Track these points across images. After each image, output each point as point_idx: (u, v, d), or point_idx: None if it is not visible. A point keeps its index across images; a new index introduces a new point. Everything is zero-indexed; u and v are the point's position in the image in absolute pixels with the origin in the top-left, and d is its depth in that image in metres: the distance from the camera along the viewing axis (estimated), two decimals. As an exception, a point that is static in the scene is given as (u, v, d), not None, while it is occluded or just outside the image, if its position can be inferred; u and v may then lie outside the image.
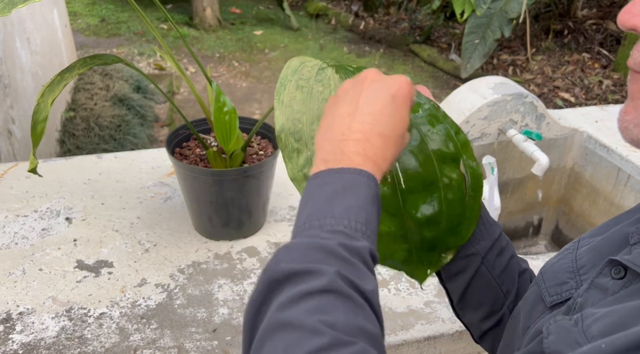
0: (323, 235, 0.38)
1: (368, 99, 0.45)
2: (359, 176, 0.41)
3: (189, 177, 0.90)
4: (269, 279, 0.36)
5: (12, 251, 0.91)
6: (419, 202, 0.51)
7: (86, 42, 4.24)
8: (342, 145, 0.43)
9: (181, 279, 0.87)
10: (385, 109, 0.44)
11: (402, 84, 0.46)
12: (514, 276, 0.56)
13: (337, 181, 0.41)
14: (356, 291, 0.35)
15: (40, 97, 0.71)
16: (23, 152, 1.97)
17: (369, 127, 0.43)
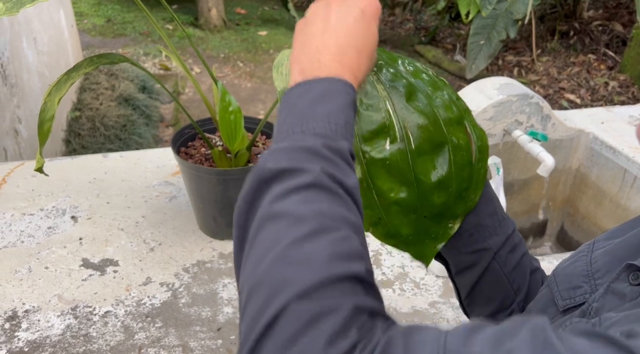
0: (306, 138, 0.40)
1: (339, 16, 0.47)
2: (337, 83, 0.43)
3: (194, 176, 0.90)
4: (257, 178, 0.38)
5: (18, 249, 0.91)
6: (428, 165, 0.51)
7: (92, 42, 4.26)
8: (318, 56, 0.45)
9: (186, 278, 0.87)
10: (357, 24, 0.46)
11: (371, 1, 0.48)
12: (526, 273, 0.55)
13: (316, 88, 0.43)
14: (340, 185, 0.38)
15: (47, 96, 0.72)
16: (29, 151, 1.98)
17: (343, 40, 0.45)
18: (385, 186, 0.50)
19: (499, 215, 0.55)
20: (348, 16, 0.46)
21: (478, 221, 0.54)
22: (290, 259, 0.33)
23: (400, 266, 0.91)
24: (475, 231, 0.54)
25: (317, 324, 0.30)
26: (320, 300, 0.31)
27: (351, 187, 0.38)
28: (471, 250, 0.54)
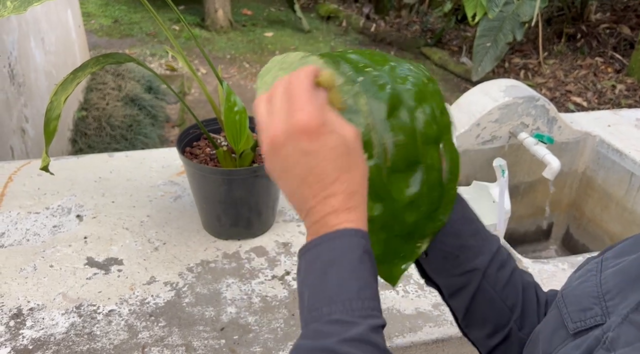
0: (323, 328, 0.39)
1: (287, 167, 0.43)
2: (340, 240, 0.41)
3: (198, 176, 0.90)
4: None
5: (23, 247, 0.92)
6: (402, 183, 0.50)
7: (99, 42, 4.28)
8: (310, 215, 0.43)
9: (190, 277, 0.87)
10: (310, 161, 0.42)
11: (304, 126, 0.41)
12: (518, 289, 0.54)
13: (322, 257, 0.41)
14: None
15: (53, 95, 0.72)
16: (36, 150, 1.99)
17: (317, 187, 0.42)
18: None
19: (481, 234, 0.54)
20: (293, 164, 0.42)
21: (461, 243, 0.53)
22: None
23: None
24: (460, 253, 0.53)
25: None
26: None
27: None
28: (459, 272, 0.54)
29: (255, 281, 0.87)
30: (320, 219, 0.42)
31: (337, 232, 0.41)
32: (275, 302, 0.83)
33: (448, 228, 0.53)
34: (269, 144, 0.43)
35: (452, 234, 0.53)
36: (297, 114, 0.41)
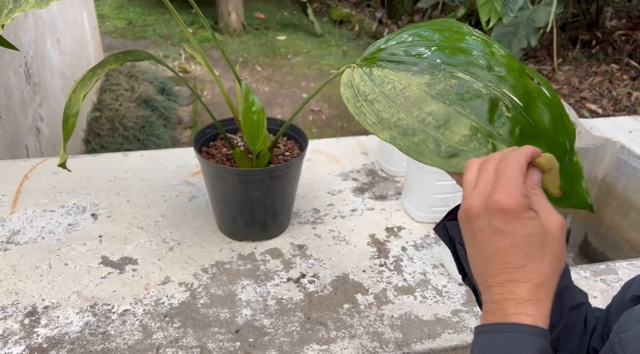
0: None
1: (483, 239, 0.42)
2: (514, 334, 0.39)
3: (215, 176, 0.90)
4: None
5: (39, 245, 0.91)
6: (536, 113, 0.54)
7: (113, 44, 4.32)
8: (491, 293, 0.41)
9: (205, 278, 0.86)
10: (503, 242, 0.41)
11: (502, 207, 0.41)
12: (563, 308, 0.51)
13: (494, 344, 0.39)
14: None
15: (72, 92, 0.71)
16: (50, 149, 2.00)
17: (502, 267, 0.41)
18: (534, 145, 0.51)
19: None
20: (490, 236, 0.41)
21: None
22: None
23: (421, 273, 0.89)
24: None
25: None
26: None
27: None
28: None
29: (270, 283, 0.86)
30: (498, 302, 0.40)
31: (513, 326, 0.39)
32: (291, 305, 0.82)
33: None
34: (465, 210, 0.43)
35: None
36: (498, 192, 0.41)
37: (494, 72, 0.54)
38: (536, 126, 0.53)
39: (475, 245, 0.42)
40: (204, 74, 3.83)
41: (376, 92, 0.57)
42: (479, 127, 0.52)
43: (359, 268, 0.90)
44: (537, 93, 0.54)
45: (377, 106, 0.56)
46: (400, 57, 0.58)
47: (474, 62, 0.55)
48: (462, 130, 0.52)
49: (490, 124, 0.52)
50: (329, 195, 1.10)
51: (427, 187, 0.98)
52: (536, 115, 0.53)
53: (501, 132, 0.52)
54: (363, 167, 1.20)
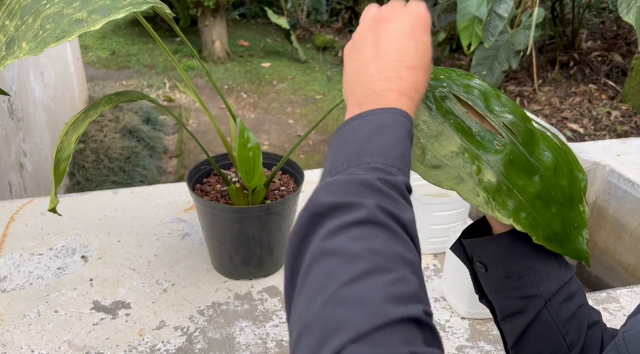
0: (361, 172, 0.39)
1: (389, 37, 0.46)
2: (394, 114, 0.43)
3: (210, 214, 0.88)
4: (310, 213, 0.37)
5: (26, 291, 0.88)
6: (537, 151, 0.53)
7: (96, 74, 4.29)
8: (373, 85, 0.44)
9: (201, 321, 0.84)
10: (409, 42, 0.46)
11: (419, 12, 0.47)
12: (582, 327, 0.50)
13: (373, 122, 0.42)
14: (395, 221, 0.36)
15: (63, 135, 0.70)
16: (34, 185, 1.95)
17: (397, 63, 0.45)
18: (521, 181, 0.51)
19: (554, 260, 0.51)
20: (398, 37, 0.46)
21: (529, 264, 0.50)
22: (344, 301, 0.31)
23: (423, 307, 0.88)
24: (525, 274, 0.50)
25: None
26: (376, 346, 0.29)
27: (408, 222, 0.37)
28: (519, 295, 0.50)
29: (269, 324, 0.84)
30: (381, 92, 0.44)
31: (394, 109, 0.43)
32: (292, 346, 0.79)
33: (518, 246, 0.50)
34: (376, 14, 0.48)
35: (522, 253, 0.50)
36: (419, 5, 0.47)
37: (497, 106, 0.55)
38: (534, 163, 0.53)
39: (371, 45, 0.46)
40: (189, 102, 3.83)
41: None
42: (468, 149, 0.52)
43: (359, 304, 0.88)
44: (542, 136, 0.54)
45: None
46: None
47: (478, 96, 0.55)
48: (451, 146, 0.52)
49: (480, 149, 0.52)
50: (324, 228, 1.08)
51: (424, 218, 0.97)
52: (537, 153, 0.53)
53: (489, 159, 0.51)
54: (357, 198, 1.19)
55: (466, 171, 0.51)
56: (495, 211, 0.50)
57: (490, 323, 0.85)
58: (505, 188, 0.50)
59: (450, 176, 0.51)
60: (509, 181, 0.51)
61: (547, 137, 0.54)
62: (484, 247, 0.53)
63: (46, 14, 0.55)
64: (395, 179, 0.39)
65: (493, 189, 0.50)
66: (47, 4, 0.56)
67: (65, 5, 0.56)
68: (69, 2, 0.56)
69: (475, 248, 0.54)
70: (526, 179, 0.51)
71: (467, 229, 0.57)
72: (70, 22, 0.54)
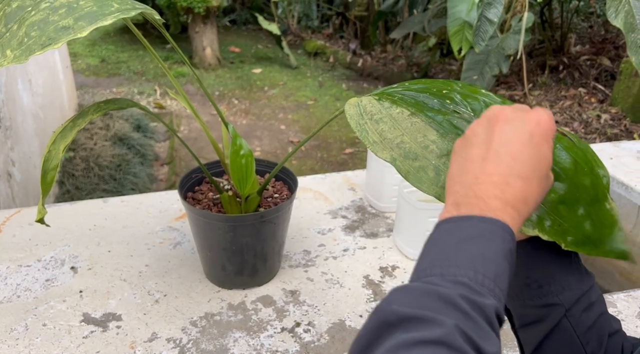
0: (444, 284, 0.35)
1: (502, 139, 0.42)
2: (494, 225, 0.38)
3: (202, 223, 0.86)
4: (379, 320, 0.34)
5: (14, 304, 0.86)
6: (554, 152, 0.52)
7: (86, 82, 4.26)
8: (476, 188, 0.40)
9: (194, 332, 0.82)
10: (524, 148, 0.41)
11: (540, 118, 0.43)
12: (603, 336, 0.49)
13: (468, 228, 0.38)
14: (475, 349, 0.32)
15: (51, 144, 0.68)
16: (22, 195, 1.92)
17: (507, 169, 0.41)
18: None
19: (574, 268, 0.49)
20: (513, 140, 0.42)
21: (549, 273, 0.48)
22: None
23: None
24: (545, 283, 0.48)
25: None
26: None
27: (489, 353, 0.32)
28: (539, 304, 0.49)
29: (263, 335, 0.82)
30: (484, 197, 0.40)
31: (494, 220, 0.38)
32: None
33: (539, 255, 0.49)
34: (494, 114, 0.44)
35: (542, 261, 0.49)
36: (540, 111, 0.44)
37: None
38: (553, 167, 0.52)
39: (483, 144, 0.43)
40: (180, 109, 3.81)
41: (383, 113, 0.57)
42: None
43: (355, 312, 0.87)
44: (557, 138, 0.53)
45: (382, 126, 0.56)
46: (412, 94, 0.59)
47: (483, 107, 0.55)
48: None
49: None
50: (319, 235, 1.07)
51: (419, 224, 0.96)
52: (554, 156, 0.52)
53: None
54: (352, 204, 1.18)
55: None
56: None
57: (487, 329, 0.84)
58: None
59: None
60: None
61: (561, 137, 0.54)
62: None
63: (31, 21, 0.53)
64: (484, 302, 0.34)
65: None
66: (33, 11, 0.55)
67: (51, 12, 0.54)
68: (55, 9, 0.54)
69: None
70: None
71: None
72: (56, 29, 0.53)
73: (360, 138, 0.56)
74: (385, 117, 0.57)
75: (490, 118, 0.44)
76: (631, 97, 3.55)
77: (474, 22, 2.96)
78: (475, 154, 0.43)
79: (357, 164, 3.19)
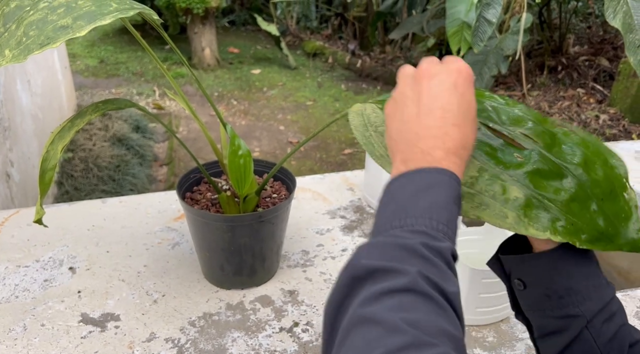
0: (404, 235, 0.37)
1: (431, 94, 0.45)
2: (441, 174, 0.41)
3: (200, 223, 0.86)
4: (349, 276, 0.36)
5: (12, 305, 0.86)
6: (561, 152, 0.52)
7: (85, 83, 4.26)
8: (419, 143, 0.43)
9: (192, 332, 0.82)
10: (452, 98, 0.44)
11: (460, 67, 0.46)
12: (624, 347, 0.48)
13: (418, 181, 0.41)
14: (438, 291, 0.34)
15: (49, 144, 0.68)
16: (21, 195, 1.92)
17: (442, 120, 0.43)
18: (551, 188, 0.49)
19: (595, 279, 0.49)
20: (441, 94, 0.44)
21: (570, 284, 0.48)
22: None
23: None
24: (565, 294, 0.48)
25: None
26: None
27: (451, 293, 0.35)
28: (559, 315, 0.48)
29: (262, 335, 0.82)
30: (428, 149, 0.42)
31: (441, 169, 0.41)
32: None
33: (560, 265, 0.49)
34: (418, 72, 0.46)
35: (563, 272, 0.48)
36: (459, 62, 0.46)
37: (509, 118, 0.54)
38: (562, 165, 0.51)
39: (414, 102, 0.45)
40: (179, 109, 3.81)
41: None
42: (488, 169, 0.50)
43: (353, 312, 0.87)
44: (564, 134, 0.53)
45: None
46: None
47: (487, 109, 0.54)
48: (469, 171, 0.51)
49: (500, 166, 0.51)
50: (317, 235, 1.07)
51: (417, 225, 0.96)
52: (562, 154, 0.52)
53: (512, 174, 0.50)
54: (350, 204, 1.18)
55: (489, 195, 0.49)
56: (529, 228, 0.48)
57: (486, 329, 0.84)
58: (535, 201, 0.49)
59: (473, 203, 0.49)
60: (538, 192, 0.49)
61: (568, 132, 0.53)
62: (523, 265, 0.51)
63: (30, 21, 0.53)
64: (440, 245, 0.37)
65: (522, 205, 0.48)
66: (31, 11, 0.55)
67: (50, 11, 0.54)
68: (54, 8, 0.55)
69: (513, 265, 0.52)
70: (556, 185, 0.50)
71: (505, 243, 0.55)
72: (55, 28, 0.53)
73: (367, 152, 0.55)
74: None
75: (414, 77, 0.47)
76: (630, 97, 3.56)
77: (472, 22, 2.96)
78: (410, 112, 0.45)
79: (356, 165, 3.20)
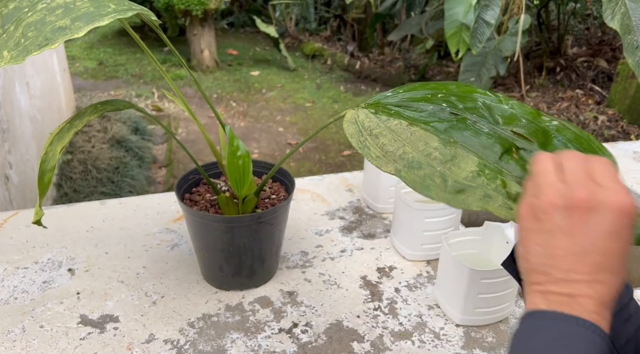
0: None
1: (590, 234, 0.41)
2: (589, 331, 0.38)
3: (199, 224, 0.86)
4: None
5: (11, 306, 0.86)
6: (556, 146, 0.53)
7: (84, 85, 4.26)
8: (568, 284, 0.40)
9: (191, 333, 0.82)
10: (613, 244, 0.40)
11: (623, 204, 0.40)
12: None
13: (559, 331, 0.38)
14: None
15: (48, 145, 0.68)
16: (19, 198, 1.92)
17: (598, 267, 0.40)
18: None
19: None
20: (601, 237, 0.40)
21: None
22: None
23: (417, 315, 0.87)
24: None
25: None
26: None
27: None
28: None
29: (261, 336, 0.82)
30: (578, 296, 0.39)
31: (591, 324, 0.38)
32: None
33: None
34: (566, 200, 0.42)
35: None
36: (619, 191, 0.41)
37: (502, 115, 0.55)
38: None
39: (566, 236, 0.41)
40: (177, 111, 3.81)
41: (381, 127, 0.58)
42: (488, 164, 0.51)
43: (352, 313, 0.87)
44: (557, 130, 0.54)
45: (382, 139, 0.57)
46: (406, 102, 0.59)
47: (480, 107, 0.55)
48: (469, 166, 0.52)
49: (499, 160, 0.51)
50: (316, 236, 1.07)
51: (417, 225, 0.96)
52: (557, 150, 0.52)
53: (510, 169, 0.51)
54: (349, 205, 1.18)
55: (492, 187, 0.50)
56: None
57: (485, 330, 0.84)
58: None
59: (477, 196, 0.50)
60: None
61: (562, 128, 0.54)
62: None
63: (28, 22, 0.54)
64: None
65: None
66: (29, 12, 0.55)
67: (48, 12, 0.54)
68: (52, 9, 0.55)
69: None
70: None
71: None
72: (53, 29, 0.53)
73: (363, 155, 0.56)
74: (384, 131, 0.57)
75: (567, 204, 0.42)
76: (628, 98, 3.56)
77: (471, 24, 2.97)
78: (560, 245, 0.41)
79: (355, 166, 3.20)
